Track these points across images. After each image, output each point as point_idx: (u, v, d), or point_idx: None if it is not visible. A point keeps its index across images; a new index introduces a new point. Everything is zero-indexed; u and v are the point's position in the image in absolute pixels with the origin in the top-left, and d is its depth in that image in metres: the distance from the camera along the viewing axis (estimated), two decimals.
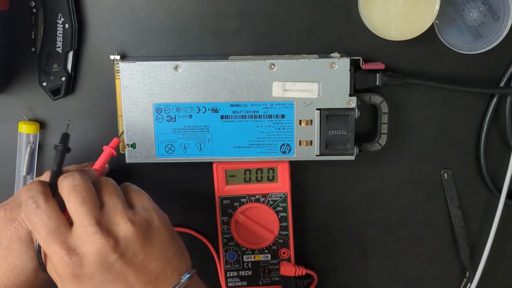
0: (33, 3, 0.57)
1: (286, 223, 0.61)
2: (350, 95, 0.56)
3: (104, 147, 0.54)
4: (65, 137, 0.51)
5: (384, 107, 0.58)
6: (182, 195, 0.62)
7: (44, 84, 0.58)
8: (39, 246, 0.48)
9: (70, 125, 0.59)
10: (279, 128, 0.57)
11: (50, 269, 0.48)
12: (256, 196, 0.60)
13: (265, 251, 0.62)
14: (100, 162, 0.54)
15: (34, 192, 0.46)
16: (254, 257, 0.62)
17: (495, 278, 0.66)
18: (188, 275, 0.48)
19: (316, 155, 0.57)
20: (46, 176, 0.50)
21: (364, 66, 0.56)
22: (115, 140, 0.55)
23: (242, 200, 0.60)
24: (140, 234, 0.46)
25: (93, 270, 0.45)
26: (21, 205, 0.48)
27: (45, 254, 0.48)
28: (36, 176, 0.61)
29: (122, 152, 0.58)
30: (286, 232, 0.61)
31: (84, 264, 0.45)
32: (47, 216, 0.45)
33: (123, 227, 0.46)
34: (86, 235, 0.45)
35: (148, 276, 0.46)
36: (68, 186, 0.46)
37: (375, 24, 0.56)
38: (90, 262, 0.45)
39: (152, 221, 0.48)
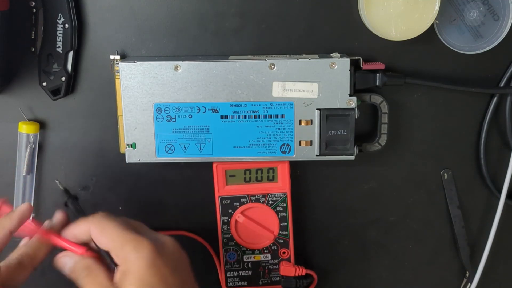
0: (33, 3, 0.57)
1: (286, 223, 0.61)
2: (350, 95, 0.56)
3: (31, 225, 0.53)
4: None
5: (384, 107, 0.58)
6: (182, 195, 0.62)
7: (44, 84, 0.58)
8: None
9: (71, 125, 0.59)
10: (279, 128, 0.57)
11: None
12: (256, 196, 0.60)
13: (265, 251, 0.62)
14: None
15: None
16: (254, 257, 0.62)
17: (495, 278, 0.66)
18: None
19: (316, 155, 0.57)
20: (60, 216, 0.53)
21: (364, 66, 0.56)
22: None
23: (242, 200, 0.60)
24: None
25: None
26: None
27: None
28: (36, 176, 0.61)
29: (122, 152, 0.58)
30: (286, 232, 0.61)
31: None
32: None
33: None
34: None
35: None
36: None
37: (375, 24, 0.56)
38: None
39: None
